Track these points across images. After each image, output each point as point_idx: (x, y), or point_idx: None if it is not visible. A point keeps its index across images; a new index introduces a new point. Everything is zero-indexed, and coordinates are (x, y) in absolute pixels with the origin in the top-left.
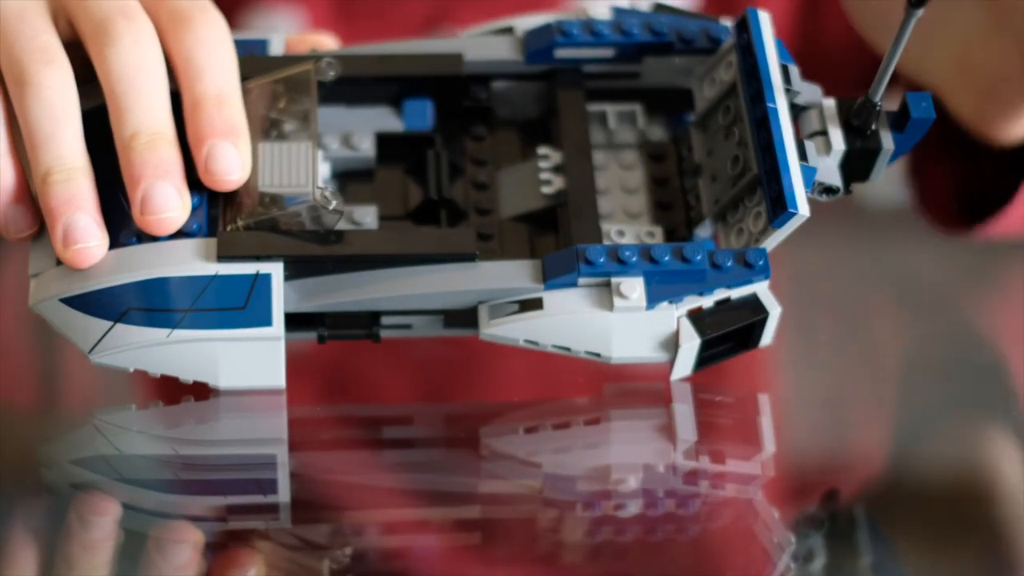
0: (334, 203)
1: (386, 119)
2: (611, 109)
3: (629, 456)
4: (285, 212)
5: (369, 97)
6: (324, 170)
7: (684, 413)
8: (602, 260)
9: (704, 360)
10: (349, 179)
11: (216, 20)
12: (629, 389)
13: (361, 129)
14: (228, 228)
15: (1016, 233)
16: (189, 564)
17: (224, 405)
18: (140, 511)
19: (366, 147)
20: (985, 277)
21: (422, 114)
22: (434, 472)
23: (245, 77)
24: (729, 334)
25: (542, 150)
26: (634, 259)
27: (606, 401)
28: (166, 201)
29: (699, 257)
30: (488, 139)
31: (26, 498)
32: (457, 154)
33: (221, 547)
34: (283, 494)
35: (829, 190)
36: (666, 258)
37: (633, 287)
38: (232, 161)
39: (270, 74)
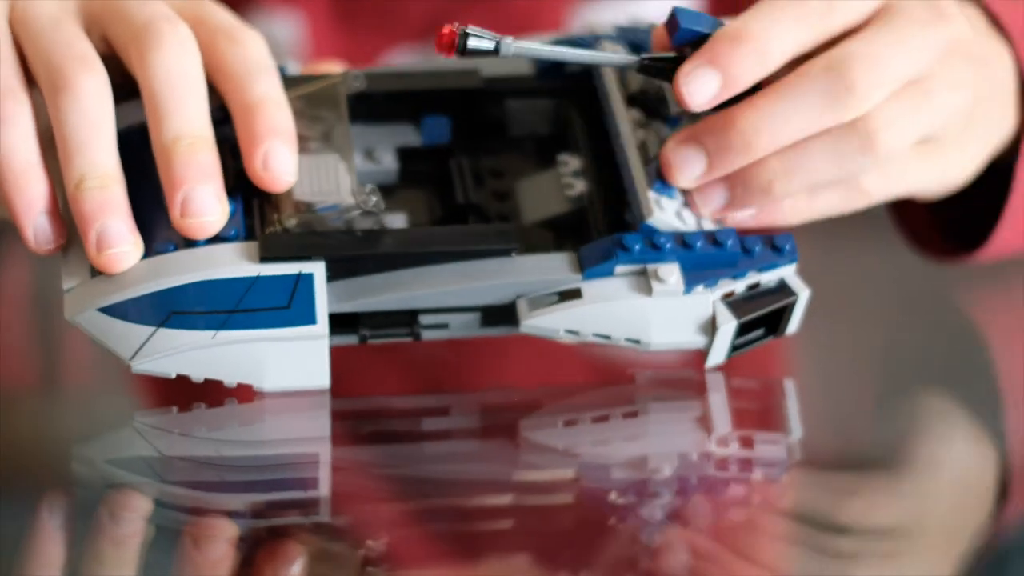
0: (374, 200)
1: (405, 135)
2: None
3: (666, 447)
4: (322, 217)
5: (388, 114)
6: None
7: (719, 403)
8: (638, 247)
9: (736, 347)
10: None
11: (259, 38)
12: (662, 378)
13: (382, 144)
14: (268, 231)
15: (1002, 255)
16: (225, 559)
17: (268, 407)
18: (177, 509)
19: (388, 161)
20: (986, 279)
21: (441, 129)
22: (474, 463)
23: None
24: (762, 317)
25: (562, 157)
26: (668, 245)
27: (640, 391)
28: (206, 205)
29: (730, 242)
30: (504, 153)
31: (63, 497)
32: (476, 166)
33: (259, 543)
34: (325, 494)
35: None
36: (699, 243)
37: (670, 272)
38: (289, 162)
39: (296, 89)
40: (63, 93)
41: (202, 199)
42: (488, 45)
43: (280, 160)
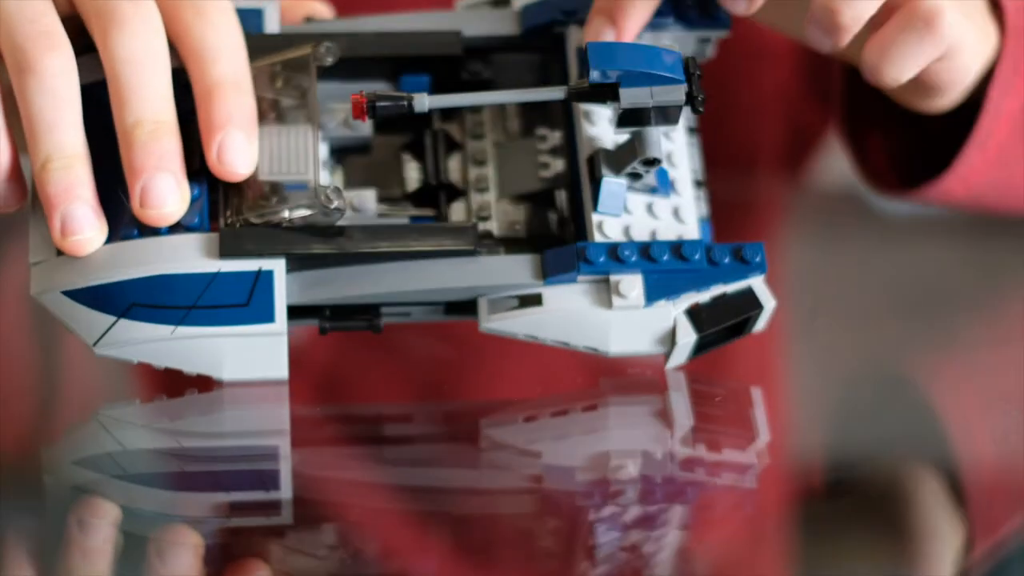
0: (336, 203)
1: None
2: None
3: (626, 444)
4: (287, 204)
5: (367, 73)
6: (323, 149)
7: (679, 401)
8: (602, 259)
9: (699, 349)
10: (347, 156)
11: (228, 10)
12: (624, 382)
13: None
14: (230, 221)
15: (951, 200)
16: (191, 566)
17: (228, 397)
18: (143, 511)
19: (365, 127)
20: (988, 279)
21: (420, 90)
22: (434, 466)
23: None
24: (725, 329)
25: (540, 131)
26: (633, 258)
27: (602, 392)
28: (166, 195)
29: (697, 256)
30: (486, 112)
31: (28, 500)
32: (455, 128)
33: (224, 545)
34: (285, 487)
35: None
36: (664, 257)
37: (632, 285)
38: (245, 153)
39: (268, 56)
40: (28, 74)
41: (160, 190)
42: (400, 104)
43: (234, 151)
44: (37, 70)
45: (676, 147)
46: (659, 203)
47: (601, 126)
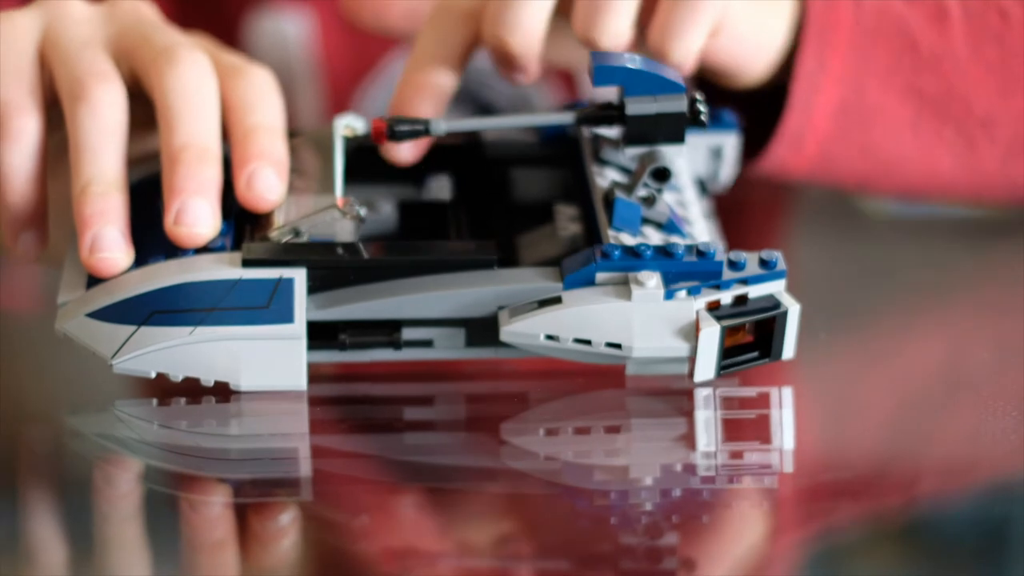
0: (355, 208)
1: (407, 194)
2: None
3: (649, 455)
4: (308, 221)
5: (391, 174)
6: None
7: (706, 418)
8: (618, 254)
9: (726, 366)
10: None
11: (269, 76)
12: (652, 388)
13: (382, 199)
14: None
15: (775, 173)
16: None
17: (245, 409)
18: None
19: (388, 211)
20: (989, 278)
21: (443, 189)
22: (453, 464)
23: None
24: (748, 326)
25: (558, 206)
26: (649, 253)
27: (628, 404)
28: (200, 217)
29: (713, 251)
30: (504, 215)
31: (51, 459)
32: (475, 220)
33: (246, 516)
34: (305, 482)
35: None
36: (680, 252)
37: (650, 277)
38: (274, 184)
39: (294, 136)
40: (80, 102)
41: (196, 211)
42: (418, 128)
43: (263, 180)
44: (91, 98)
45: (687, 199)
46: (675, 239)
47: (612, 177)
